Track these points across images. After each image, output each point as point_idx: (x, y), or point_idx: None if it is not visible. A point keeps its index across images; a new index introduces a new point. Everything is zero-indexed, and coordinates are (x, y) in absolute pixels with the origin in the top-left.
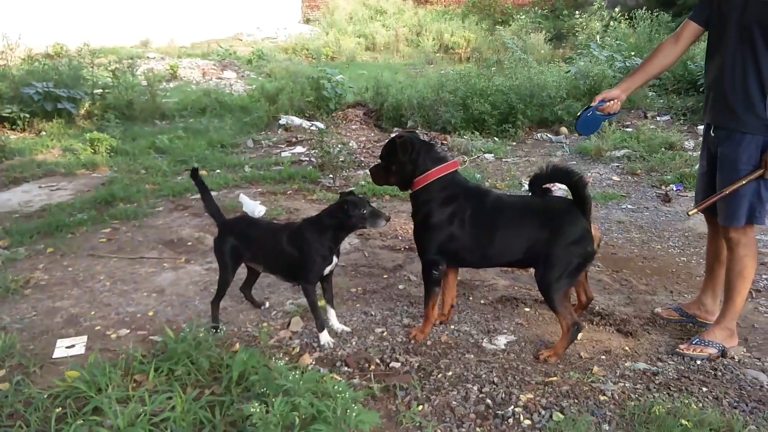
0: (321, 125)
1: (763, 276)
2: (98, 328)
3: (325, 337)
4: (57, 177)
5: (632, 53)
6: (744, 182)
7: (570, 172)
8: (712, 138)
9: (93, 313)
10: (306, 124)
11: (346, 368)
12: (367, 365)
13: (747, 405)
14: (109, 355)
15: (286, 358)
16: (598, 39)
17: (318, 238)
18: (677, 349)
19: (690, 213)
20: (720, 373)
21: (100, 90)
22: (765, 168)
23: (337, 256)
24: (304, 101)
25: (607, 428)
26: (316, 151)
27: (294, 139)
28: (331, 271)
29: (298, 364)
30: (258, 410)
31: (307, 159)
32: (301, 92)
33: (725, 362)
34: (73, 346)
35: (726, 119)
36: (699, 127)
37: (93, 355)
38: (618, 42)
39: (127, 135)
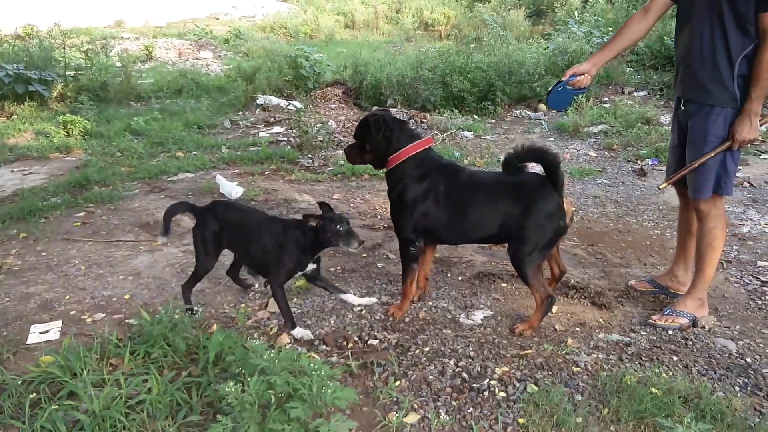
0: (299, 104)
1: (734, 247)
2: (73, 312)
3: (299, 332)
4: (30, 161)
5: (610, 29)
6: (712, 154)
7: (544, 151)
8: (683, 111)
9: (68, 297)
10: (284, 103)
11: (324, 347)
12: (345, 343)
13: (716, 372)
14: (85, 340)
15: (264, 339)
16: (577, 15)
17: (298, 243)
18: (650, 320)
19: (661, 187)
20: (690, 342)
21: (73, 72)
22: (732, 140)
23: (316, 264)
24: (282, 80)
25: (580, 398)
26: (294, 130)
27: (272, 119)
28: (316, 272)
29: (276, 343)
30: (233, 390)
31: (285, 139)
32: (279, 71)
33: (696, 331)
34: (47, 331)
35: (695, 93)
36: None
37: (67, 339)
38: (596, 18)
39: (102, 117)
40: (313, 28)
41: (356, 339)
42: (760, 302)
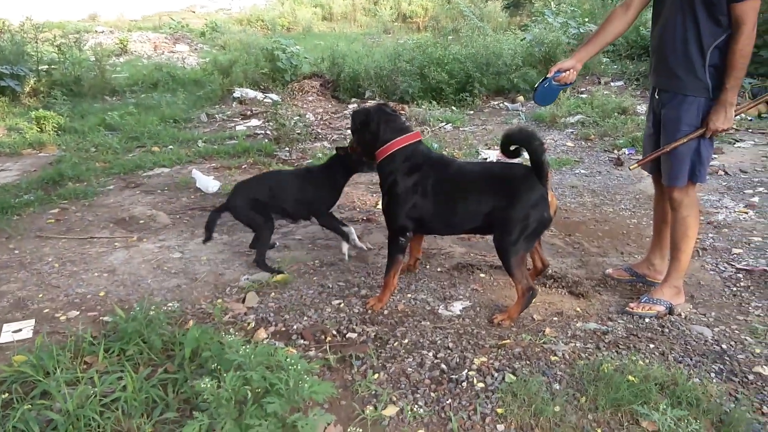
0: (276, 97)
1: (709, 235)
2: (47, 310)
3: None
4: (2, 158)
5: (586, 20)
6: (685, 140)
7: (532, 136)
8: (657, 100)
9: (41, 295)
10: (261, 96)
11: (302, 341)
12: (323, 337)
13: (691, 359)
14: (58, 338)
15: (241, 334)
16: (553, 6)
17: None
18: (627, 308)
19: (631, 168)
20: (667, 330)
21: (46, 66)
22: (706, 127)
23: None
24: (259, 73)
25: (558, 387)
26: (272, 123)
27: (249, 112)
28: None
29: (253, 339)
30: (209, 386)
31: (263, 132)
32: (256, 64)
33: (672, 319)
34: (20, 330)
35: (668, 82)
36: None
37: (40, 338)
38: (573, 9)
39: (76, 112)
40: (290, 20)
41: (335, 332)
42: (734, 289)
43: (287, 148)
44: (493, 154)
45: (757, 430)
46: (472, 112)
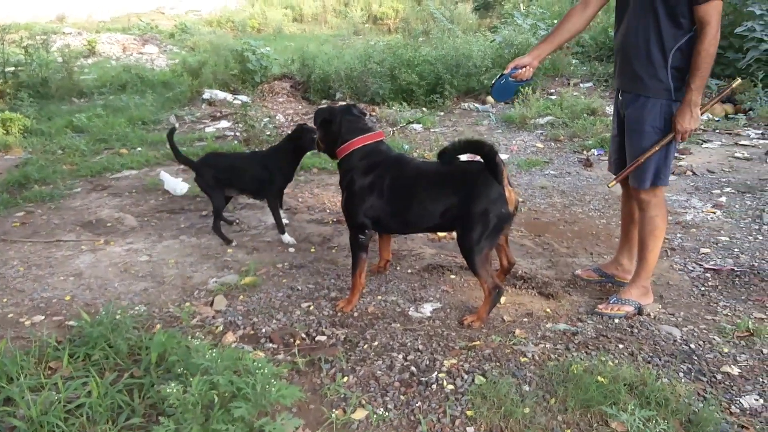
0: (246, 99)
1: (678, 235)
2: (11, 315)
3: (287, 238)
4: None
5: (555, 21)
6: (657, 148)
7: (481, 144)
8: (621, 102)
9: (5, 300)
10: (230, 97)
11: (270, 344)
12: (292, 340)
13: (660, 359)
14: (22, 343)
15: (209, 338)
16: (523, 8)
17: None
18: (596, 309)
19: (610, 185)
20: (636, 330)
21: (12, 68)
22: (675, 131)
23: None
24: (229, 75)
25: (528, 389)
26: (241, 125)
27: (218, 114)
28: None
29: (221, 342)
30: (176, 391)
31: (232, 134)
32: (225, 65)
33: (641, 319)
34: None
35: (631, 83)
36: None
37: (2, 343)
38: (542, 11)
39: (43, 114)
40: (260, 21)
41: (304, 335)
42: (703, 288)
43: (257, 150)
44: (464, 156)
45: (726, 429)
46: (442, 113)
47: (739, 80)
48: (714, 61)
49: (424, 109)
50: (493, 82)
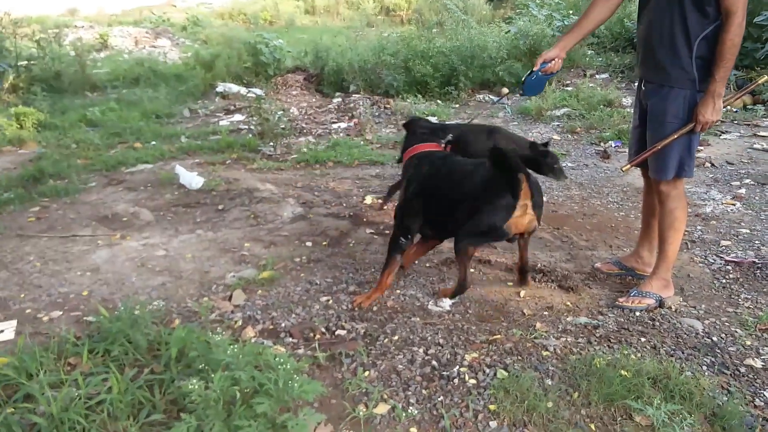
0: (260, 92)
1: (698, 227)
2: (29, 311)
3: None
4: None
5: (570, 12)
6: (676, 136)
7: (508, 157)
8: (643, 92)
9: (23, 295)
10: (244, 90)
11: (290, 339)
12: (312, 335)
13: (683, 352)
14: (41, 339)
15: (228, 333)
16: None
17: None
18: (617, 302)
19: (624, 169)
20: (658, 323)
21: (25, 62)
22: (696, 122)
23: None
24: (242, 68)
25: (550, 383)
26: (255, 118)
27: (232, 107)
28: None
29: (240, 337)
30: (197, 387)
31: (246, 127)
32: (238, 58)
33: (663, 312)
34: (1, 331)
35: (654, 73)
36: (636, 84)
37: (21, 339)
38: (557, 1)
39: (56, 108)
40: (272, 14)
41: (323, 330)
42: (724, 281)
43: (271, 143)
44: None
45: (750, 423)
46: (457, 105)
47: (766, 77)
48: (738, 51)
49: (438, 101)
50: (523, 79)
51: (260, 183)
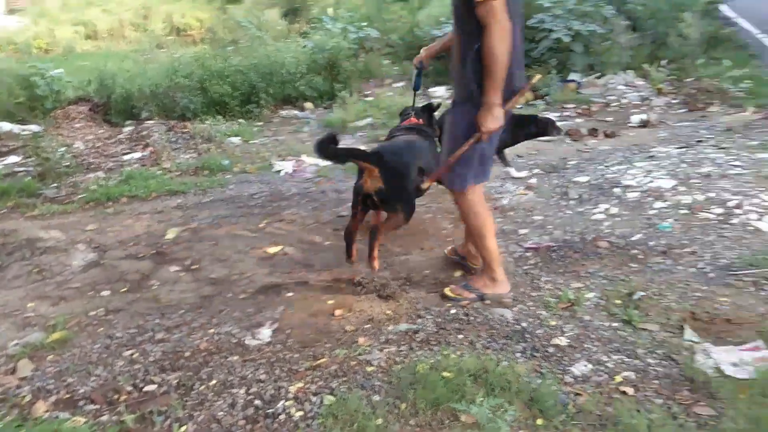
0: (37, 128)
1: (498, 219)
2: None
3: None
4: None
5: (364, 24)
6: (465, 147)
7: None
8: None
9: None
10: (17, 129)
11: (91, 406)
12: (116, 396)
13: (497, 343)
14: None
15: (15, 412)
16: (330, 12)
17: None
18: (444, 291)
19: (423, 186)
20: (472, 317)
21: None
22: (480, 133)
23: None
24: (14, 104)
25: (378, 398)
26: (33, 158)
27: (5, 149)
28: None
29: (30, 415)
30: None
31: (24, 169)
32: (9, 93)
33: (476, 306)
34: None
35: (454, 93)
36: (429, 89)
37: None
38: (350, 14)
39: None
40: (48, 41)
41: (129, 388)
42: (525, 267)
43: (54, 184)
44: (288, 165)
45: (564, 400)
46: (261, 123)
47: (538, 76)
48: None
49: (240, 120)
50: (413, 78)
51: (43, 231)
